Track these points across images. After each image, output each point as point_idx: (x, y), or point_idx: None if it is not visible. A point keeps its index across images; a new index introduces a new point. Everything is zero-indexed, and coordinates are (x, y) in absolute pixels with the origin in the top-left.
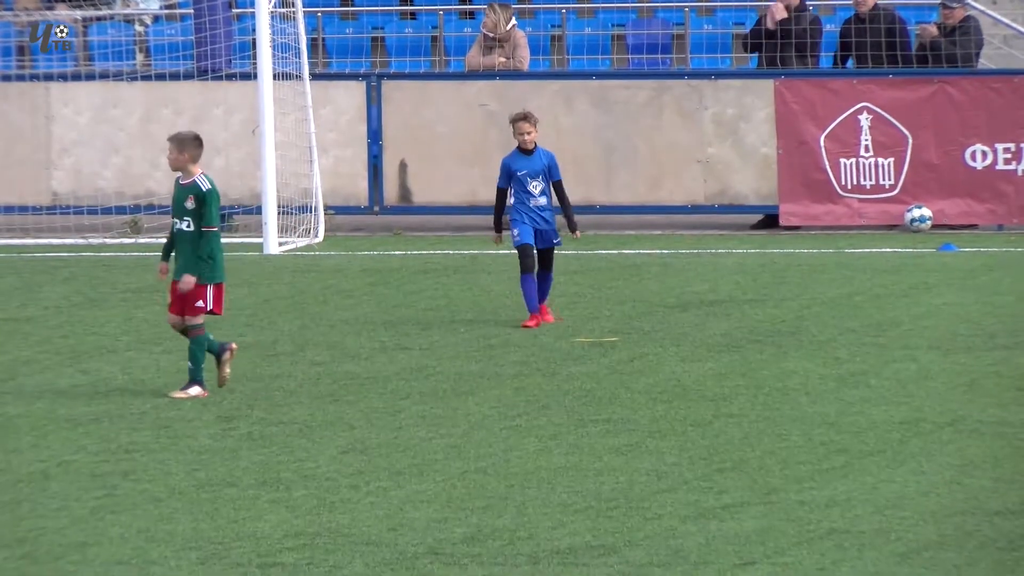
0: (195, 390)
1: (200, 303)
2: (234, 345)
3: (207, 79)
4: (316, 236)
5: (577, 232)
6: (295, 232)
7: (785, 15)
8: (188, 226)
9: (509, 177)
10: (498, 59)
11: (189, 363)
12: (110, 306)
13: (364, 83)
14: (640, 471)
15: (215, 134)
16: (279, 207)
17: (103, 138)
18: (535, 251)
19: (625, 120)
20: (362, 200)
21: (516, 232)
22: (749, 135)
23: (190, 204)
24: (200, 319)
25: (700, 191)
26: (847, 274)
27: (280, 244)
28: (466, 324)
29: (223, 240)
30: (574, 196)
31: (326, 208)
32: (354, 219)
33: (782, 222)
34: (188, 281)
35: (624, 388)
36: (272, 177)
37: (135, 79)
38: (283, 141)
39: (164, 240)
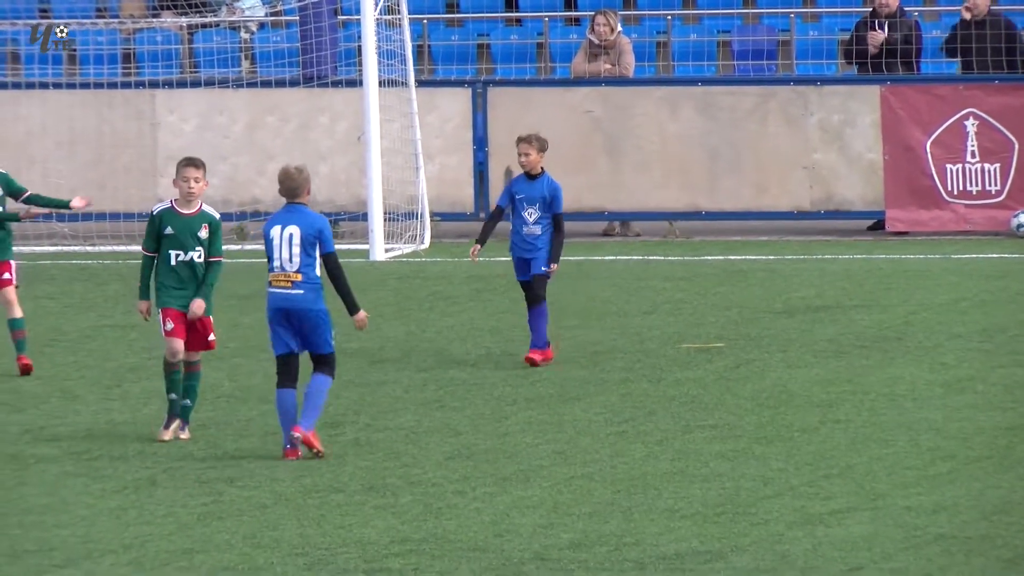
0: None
1: (212, 337)
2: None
3: (312, 86)
4: (422, 243)
5: (554, 266)
6: (401, 239)
7: (884, 37)
8: (199, 256)
9: (510, 198)
10: (603, 66)
11: (188, 401)
12: (217, 312)
13: (470, 90)
14: (746, 477)
15: (320, 141)
16: (385, 214)
17: (208, 145)
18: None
19: (730, 126)
20: (468, 207)
21: (514, 267)
22: (855, 141)
23: (204, 233)
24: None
25: (806, 197)
26: (953, 280)
27: (386, 251)
28: (571, 330)
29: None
30: (680, 202)
31: (432, 215)
32: (460, 226)
33: (888, 228)
34: (200, 306)
35: (730, 394)
36: (378, 184)
37: (240, 86)
38: (389, 148)
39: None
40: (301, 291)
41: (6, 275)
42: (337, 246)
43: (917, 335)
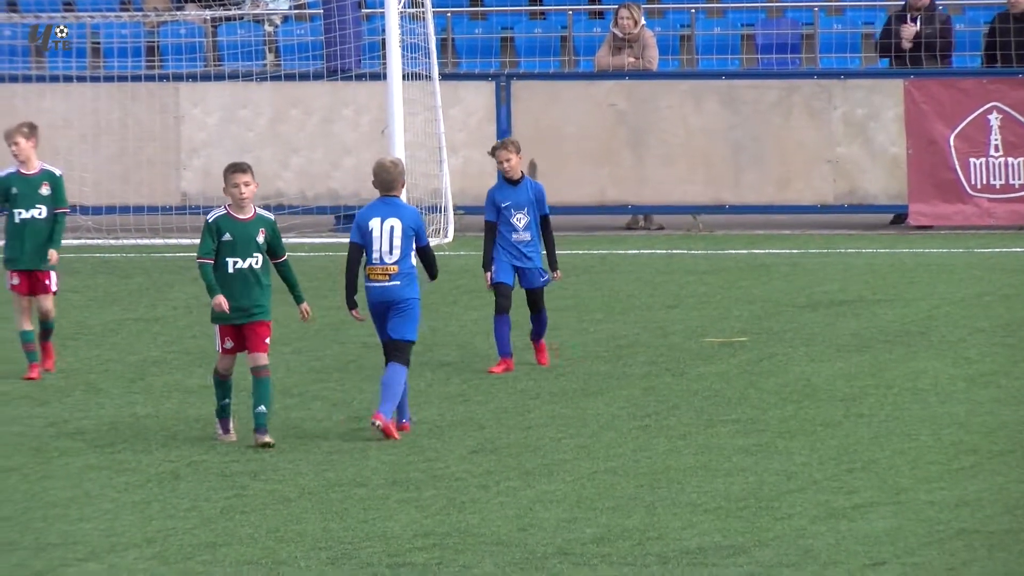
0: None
1: (268, 340)
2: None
3: (336, 79)
4: (445, 236)
5: (558, 273)
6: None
7: (915, 30)
8: (258, 263)
9: (496, 210)
10: (627, 59)
11: (262, 407)
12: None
13: (493, 83)
14: (770, 471)
15: (344, 134)
16: None
17: (232, 138)
18: (511, 290)
19: (754, 120)
20: None
21: (493, 269)
22: (879, 135)
23: (261, 238)
24: (266, 358)
25: (829, 191)
26: (977, 274)
27: None
28: (595, 324)
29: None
30: (703, 196)
31: (456, 208)
32: (483, 219)
33: (912, 222)
34: (308, 309)
35: (753, 388)
36: None
37: (264, 79)
38: (412, 141)
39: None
40: (398, 282)
41: (47, 282)
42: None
43: (940, 329)
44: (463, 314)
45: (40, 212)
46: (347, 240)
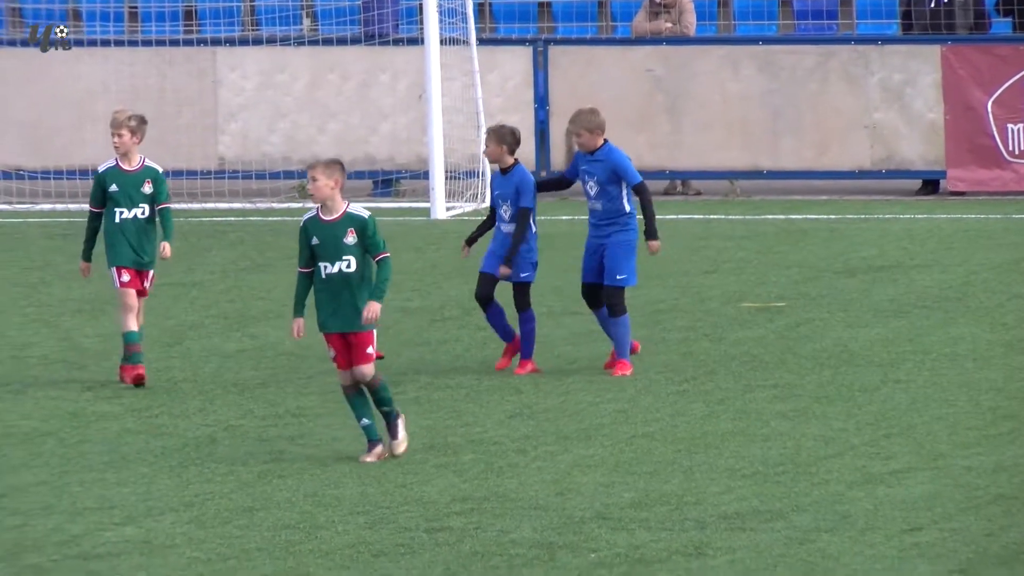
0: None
1: (371, 350)
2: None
3: (374, 44)
4: (483, 201)
5: (503, 269)
6: (462, 197)
7: None
8: (349, 266)
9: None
10: (664, 24)
11: (385, 408)
12: (277, 271)
13: (531, 48)
14: (807, 436)
15: (381, 99)
16: (446, 172)
17: (269, 103)
18: (489, 280)
19: (791, 85)
20: (529, 165)
21: (482, 260)
22: (916, 100)
23: (351, 239)
24: (373, 368)
25: (867, 157)
26: (1014, 240)
27: (447, 209)
28: (632, 289)
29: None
30: (741, 161)
31: (493, 173)
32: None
33: (949, 187)
34: (374, 310)
35: (791, 353)
36: (439, 142)
37: (302, 44)
38: (450, 106)
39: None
40: None
41: (146, 283)
42: (398, 204)
43: (978, 295)
44: None
45: (143, 211)
46: (384, 204)
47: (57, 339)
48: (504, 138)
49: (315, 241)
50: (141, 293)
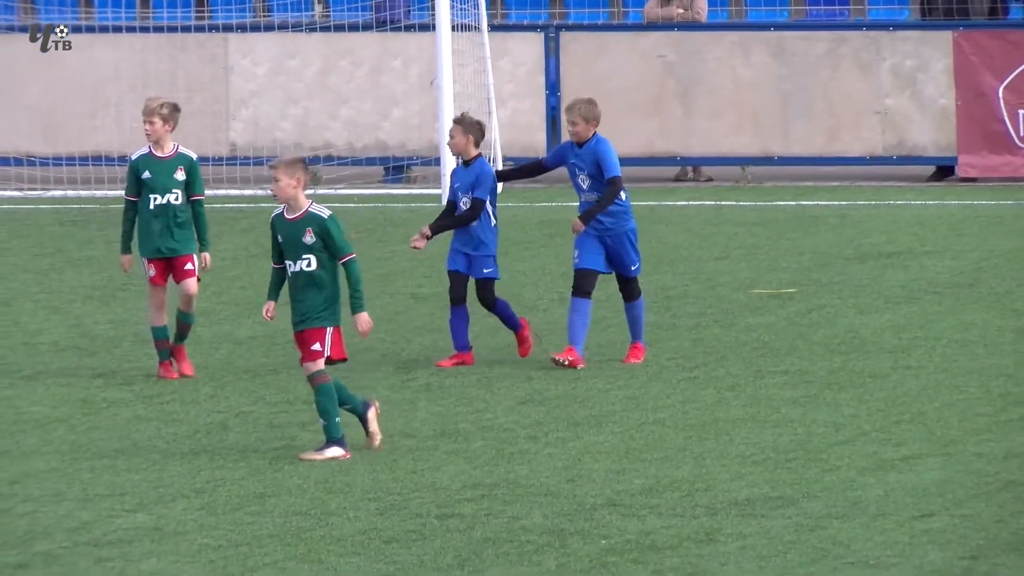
0: (333, 451)
1: (317, 346)
2: (377, 403)
3: (385, 30)
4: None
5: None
6: None
7: None
8: (309, 265)
9: (453, 191)
10: (676, 10)
11: (320, 419)
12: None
13: (542, 34)
14: (818, 423)
15: (393, 85)
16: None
17: (281, 89)
18: (460, 278)
19: (803, 71)
20: (540, 151)
21: (447, 258)
22: (927, 86)
23: (309, 239)
24: (319, 365)
25: (878, 142)
26: None
27: None
28: (643, 275)
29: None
30: (752, 147)
31: (504, 159)
32: None
33: (960, 173)
34: (365, 322)
35: (802, 340)
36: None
37: (313, 30)
38: (461, 92)
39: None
40: None
41: (188, 266)
42: (409, 191)
43: (989, 281)
44: (511, 265)
45: (176, 197)
46: (395, 191)
47: (68, 326)
48: (470, 129)
49: (280, 239)
50: (188, 275)
